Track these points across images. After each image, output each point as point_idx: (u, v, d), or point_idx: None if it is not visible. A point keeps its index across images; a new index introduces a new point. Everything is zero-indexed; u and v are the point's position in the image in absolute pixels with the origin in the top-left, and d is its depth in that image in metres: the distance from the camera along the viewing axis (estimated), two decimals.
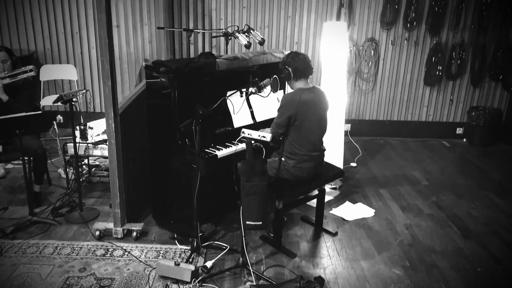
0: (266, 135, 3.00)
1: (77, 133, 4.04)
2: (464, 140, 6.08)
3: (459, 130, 6.12)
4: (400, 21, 5.62)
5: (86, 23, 5.62)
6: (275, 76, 3.21)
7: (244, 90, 3.15)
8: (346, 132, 5.83)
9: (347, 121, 5.90)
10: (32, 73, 3.68)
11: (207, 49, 5.64)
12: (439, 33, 5.66)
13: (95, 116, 5.81)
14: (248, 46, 3.86)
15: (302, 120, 3.14)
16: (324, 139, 3.39)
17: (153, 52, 5.67)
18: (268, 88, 3.21)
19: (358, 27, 5.67)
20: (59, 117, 5.96)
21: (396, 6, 5.53)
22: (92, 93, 5.86)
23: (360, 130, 6.06)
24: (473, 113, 5.86)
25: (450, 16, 5.60)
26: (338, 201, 4.25)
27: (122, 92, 5.79)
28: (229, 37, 4.00)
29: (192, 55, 5.65)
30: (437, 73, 5.81)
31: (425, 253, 3.46)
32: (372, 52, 5.74)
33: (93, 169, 4.50)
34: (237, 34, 3.88)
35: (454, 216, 4.04)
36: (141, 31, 5.61)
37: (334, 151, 4.40)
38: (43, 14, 5.57)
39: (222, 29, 4.37)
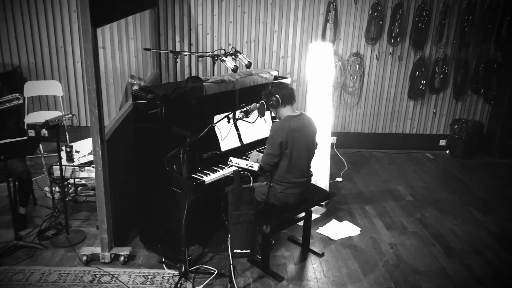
0: (253, 164, 3.02)
1: (63, 154, 4.02)
2: (447, 152, 6.19)
3: (442, 142, 6.23)
4: (385, 37, 5.70)
5: (70, 36, 5.56)
6: (262, 101, 3.25)
7: (231, 116, 3.18)
8: (332, 144, 5.89)
9: (332, 134, 5.96)
10: (19, 101, 3.67)
11: (193, 65, 5.64)
12: (422, 48, 5.76)
13: (81, 130, 5.78)
14: (235, 70, 3.89)
15: (292, 148, 3.17)
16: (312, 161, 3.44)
17: (139, 66, 5.65)
18: (255, 113, 3.25)
19: (343, 42, 5.73)
20: (44, 131, 5.89)
21: (381, 22, 5.61)
22: (78, 108, 5.81)
23: (345, 142, 6.13)
24: (455, 126, 5.97)
25: (433, 32, 5.70)
26: (324, 219, 4.31)
27: (107, 107, 5.76)
28: (216, 59, 4.02)
29: (178, 70, 5.65)
30: (421, 87, 5.90)
31: (410, 273, 3.54)
32: (357, 66, 5.81)
33: (79, 188, 4.48)
34: (223, 58, 3.90)
35: (438, 234, 4.13)
36: (127, 45, 5.58)
37: (320, 166, 4.45)
38: (26, 28, 5.50)
39: (209, 52, 4.38)
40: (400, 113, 6.08)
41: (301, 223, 3.81)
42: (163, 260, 3.51)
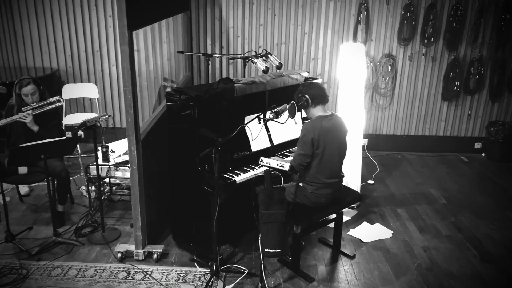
0: (284, 164, 3.04)
1: (99, 154, 4.14)
2: (483, 154, 6.02)
3: (478, 145, 6.07)
4: (417, 37, 5.61)
5: (106, 41, 5.74)
6: (292, 102, 3.26)
7: (262, 117, 3.20)
8: (363, 147, 5.83)
9: (364, 136, 5.89)
10: (59, 104, 3.83)
11: (224, 68, 5.72)
12: (457, 48, 5.64)
13: (115, 131, 5.94)
14: (266, 71, 3.92)
15: (323, 148, 3.16)
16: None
17: (172, 69, 5.76)
18: (286, 113, 3.26)
19: (375, 43, 5.68)
20: (80, 132, 6.08)
21: (413, 23, 5.52)
22: (112, 110, 5.97)
23: (377, 144, 6.06)
24: (492, 128, 5.81)
25: (468, 32, 5.58)
26: (355, 221, 4.27)
27: (141, 109, 5.87)
28: (247, 61, 4.06)
29: (209, 73, 5.73)
30: (455, 88, 5.77)
31: (444, 278, 3.46)
32: (389, 67, 5.74)
33: (114, 187, 4.60)
34: (255, 59, 3.94)
35: (473, 238, 4.02)
36: (160, 49, 5.70)
37: (352, 168, 4.43)
38: (65, 33, 5.71)
39: (240, 54, 4.44)
40: (433, 115, 5.97)
41: (331, 225, 3.79)
42: (195, 258, 3.57)
